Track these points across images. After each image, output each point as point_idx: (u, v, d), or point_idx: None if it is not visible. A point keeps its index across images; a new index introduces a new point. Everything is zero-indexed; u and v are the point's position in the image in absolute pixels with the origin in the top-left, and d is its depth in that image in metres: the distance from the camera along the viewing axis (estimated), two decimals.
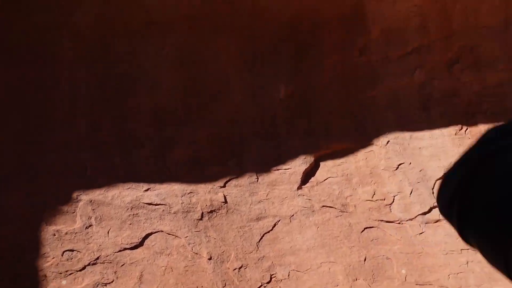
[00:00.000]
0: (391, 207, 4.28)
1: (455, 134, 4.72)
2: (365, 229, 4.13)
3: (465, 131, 4.75)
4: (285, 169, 4.52)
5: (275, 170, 4.53)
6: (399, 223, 4.18)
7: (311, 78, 5.10)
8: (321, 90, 5.07)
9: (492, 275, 3.79)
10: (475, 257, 3.89)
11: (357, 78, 5.11)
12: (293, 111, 4.99)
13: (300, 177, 4.46)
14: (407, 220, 4.18)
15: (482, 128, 4.75)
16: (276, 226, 4.16)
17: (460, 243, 3.76)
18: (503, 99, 4.93)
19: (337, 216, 4.20)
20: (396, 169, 4.51)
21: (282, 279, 3.85)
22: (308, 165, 4.54)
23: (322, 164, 4.61)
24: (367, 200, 4.32)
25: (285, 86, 5.06)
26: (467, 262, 3.88)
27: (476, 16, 5.06)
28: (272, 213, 4.22)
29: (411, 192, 4.35)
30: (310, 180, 4.49)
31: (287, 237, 4.09)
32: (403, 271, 3.86)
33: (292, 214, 4.21)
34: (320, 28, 5.09)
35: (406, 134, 4.74)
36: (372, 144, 4.71)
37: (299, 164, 4.54)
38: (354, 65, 5.14)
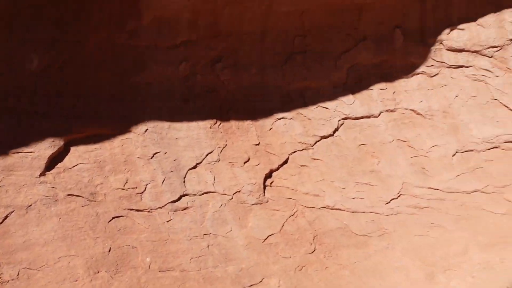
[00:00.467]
0: (142, 196, 4.27)
1: (210, 127, 5.09)
2: (113, 219, 4.00)
3: (219, 125, 5.17)
4: (27, 152, 3.96)
5: (14, 152, 3.92)
6: (148, 211, 4.21)
7: (73, 53, 4.62)
8: (82, 67, 4.65)
9: (228, 255, 4.22)
10: (215, 240, 4.27)
11: (123, 61, 4.90)
12: (46, 87, 4.41)
13: (45, 162, 3.98)
14: (156, 208, 4.25)
15: (233, 124, 5.27)
16: (7, 218, 3.60)
17: (203, 228, 3.97)
18: (253, 99, 5.58)
19: (84, 206, 3.93)
20: (152, 157, 4.54)
21: (9, 280, 3.35)
22: (56, 149, 4.10)
23: (73, 149, 4.23)
24: (118, 189, 4.20)
25: (41, 57, 4.43)
26: (208, 246, 4.21)
27: (240, 23, 5.56)
28: (5, 203, 3.65)
29: (164, 180, 4.45)
30: (56, 166, 4.06)
31: (21, 230, 3.59)
32: (148, 259, 3.91)
33: (30, 204, 3.72)
34: (90, 2, 4.66)
35: (165, 124, 4.83)
36: (130, 131, 4.61)
37: (45, 148, 4.05)
38: (121, 47, 4.91)
